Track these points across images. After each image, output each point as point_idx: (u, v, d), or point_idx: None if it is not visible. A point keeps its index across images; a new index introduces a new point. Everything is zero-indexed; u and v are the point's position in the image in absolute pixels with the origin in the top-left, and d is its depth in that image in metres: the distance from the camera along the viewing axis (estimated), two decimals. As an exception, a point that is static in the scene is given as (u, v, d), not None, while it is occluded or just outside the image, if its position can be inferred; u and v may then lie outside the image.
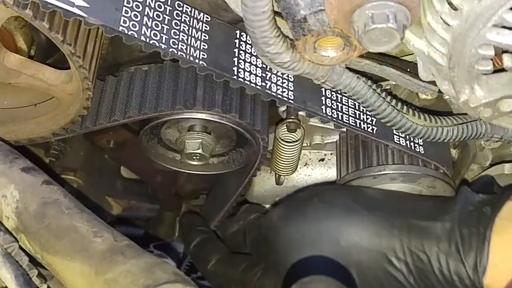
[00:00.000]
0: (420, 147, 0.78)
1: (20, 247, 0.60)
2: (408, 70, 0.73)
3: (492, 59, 0.57)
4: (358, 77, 0.70)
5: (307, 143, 0.85)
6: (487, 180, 0.86)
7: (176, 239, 1.19)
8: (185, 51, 0.65)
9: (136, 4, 0.63)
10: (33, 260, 0.61)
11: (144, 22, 0.63)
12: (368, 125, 0.75)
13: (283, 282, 0.67)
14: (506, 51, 0.56)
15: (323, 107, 0.73)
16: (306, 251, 0.69)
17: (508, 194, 0.66)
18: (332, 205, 0.72)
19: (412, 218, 0.68)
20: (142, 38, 0.62)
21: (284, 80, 0.72)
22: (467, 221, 0.64)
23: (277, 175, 0.86)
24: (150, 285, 0.51)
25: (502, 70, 0.58)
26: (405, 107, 0.74)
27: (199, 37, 0.67)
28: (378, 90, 0.72)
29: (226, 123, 0.74)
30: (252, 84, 0.69)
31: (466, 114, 0.71)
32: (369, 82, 0.71)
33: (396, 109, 0.72)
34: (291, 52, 0.64)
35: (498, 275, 0.61)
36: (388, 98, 0.73)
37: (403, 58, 0.74)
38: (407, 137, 0.77)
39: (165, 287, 0.51)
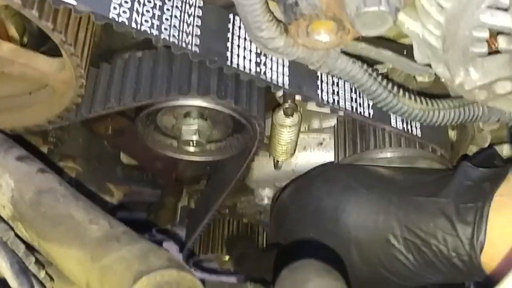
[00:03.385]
0: (418, 129, 0.77)
1: (17, 235, 0.60)
2: (405, 52, 0.72)
3: (487, 41, 0.56)
4: (353, 61, 0.69)
5: (305, 128, 0.85)
6: (490, 153, 0.84)
7: (177, 223, 1.19)
8: (177, 37, 0.64)
9: (127, -10, 0.62)
10: (31, 248, 0.61)
11: (135, 9, 0.62)
12: (365, 109, 0.75)
13: (274, 265, 0.68)
14: (501, 33, 0.55)
15: (319, 91, 0.72)
16: (309, 231, 0.71)
17: (507, 169, 0.64)
18: (333, 185, 0.74)
19: (410, 194, 0.68)
20: (133, 25, 0.61)
21: (278, 65, 0.71)
22: (465, 197, 0.63)
23: (275, 159, 0.86)
24: (144, 271, 0.51)
25: (497, 52, 0.57)
26: (401, 90, 0.73)
27: (192, 23, 0.66)
28: (374, 74, 0.71)
29: (222, 109, 0.73)
30: (246, 70, 0.68)
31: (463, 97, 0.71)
32: (365, 66, 0.71)
33: (393, 93, 0.71)
34: (285, 37, 0.63)
35: (496, 253, 0.60)
36: (384, 82, 0.72)
37: (401, 40, 0.73)
38: (404, 120, 0.76)
39: (159, 273, 0.51)
